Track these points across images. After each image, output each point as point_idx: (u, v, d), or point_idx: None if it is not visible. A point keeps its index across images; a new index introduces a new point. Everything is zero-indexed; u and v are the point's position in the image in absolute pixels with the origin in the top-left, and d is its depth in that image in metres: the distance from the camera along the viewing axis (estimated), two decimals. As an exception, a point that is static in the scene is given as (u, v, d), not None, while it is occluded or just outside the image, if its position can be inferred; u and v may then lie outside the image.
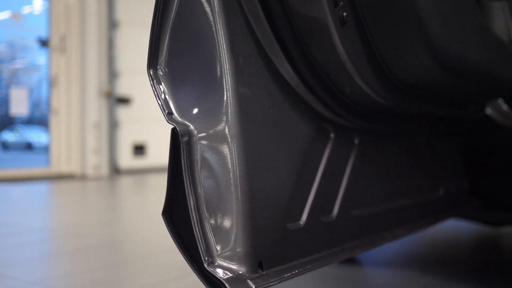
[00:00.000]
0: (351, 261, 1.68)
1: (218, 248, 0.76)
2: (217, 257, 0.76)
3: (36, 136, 18.79)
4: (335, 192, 1.03)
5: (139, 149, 6.31)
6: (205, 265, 0.75)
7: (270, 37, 0.87)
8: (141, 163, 6.32)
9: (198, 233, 0.75)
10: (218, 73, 0.79)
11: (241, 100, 0.79)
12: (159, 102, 0.80)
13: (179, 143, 0.76)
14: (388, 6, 0.90)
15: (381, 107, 1.05)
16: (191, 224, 0.75)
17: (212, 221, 0.76)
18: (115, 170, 6.11)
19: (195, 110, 0.79)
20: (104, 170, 5.94)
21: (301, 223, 0.93)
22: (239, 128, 0.78)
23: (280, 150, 0.88)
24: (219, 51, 0.78)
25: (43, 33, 6.15)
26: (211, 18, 0.79)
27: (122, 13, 6.24)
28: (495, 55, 1.02)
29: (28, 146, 18.93)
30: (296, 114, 0.93)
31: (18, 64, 17.93)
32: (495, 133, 1.23)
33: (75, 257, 1.84)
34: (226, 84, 0.78)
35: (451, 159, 1.39)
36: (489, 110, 1.27)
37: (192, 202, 0.75)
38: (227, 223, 0.76)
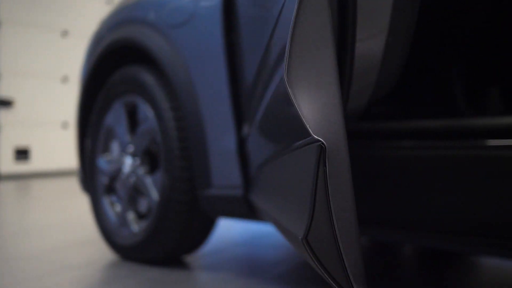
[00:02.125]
0: (183, 266, 1.80)
1: (354, 272, 0.75)
2: (354, 283, 0.75)
3: None
4: None
5: (22, 154, 6.06)
6: None
7: None
8: (25, 168, 6.07)
9: (343, 259, 0.74)
10: (334, 82, 0.76)
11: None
12: (299, 114, 0.74)
13: (325, 162, 0.72)
14: None
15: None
16: (335, 250, 0.74)
17: (346, 245, 0.74)
18: (-5, 175, 5.84)
19: (326, 123, 0.74)
20: (-17, 175, 5.66)
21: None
22: (345, 143, 0.75)
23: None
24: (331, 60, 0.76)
25: None
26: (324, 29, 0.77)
27: (5, 12, 5.97)
28: None
29: None
30: None
31: None
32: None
33: None
34: (340, 101, 0.76)
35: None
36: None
37: (336, 226, 0.73)
38: (353, 245, 0.75)
